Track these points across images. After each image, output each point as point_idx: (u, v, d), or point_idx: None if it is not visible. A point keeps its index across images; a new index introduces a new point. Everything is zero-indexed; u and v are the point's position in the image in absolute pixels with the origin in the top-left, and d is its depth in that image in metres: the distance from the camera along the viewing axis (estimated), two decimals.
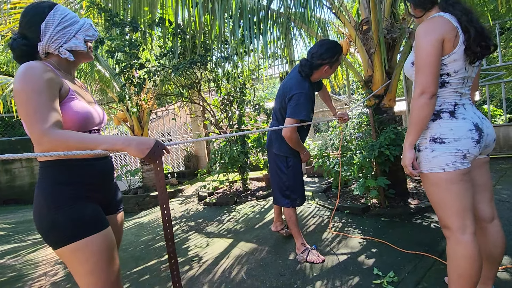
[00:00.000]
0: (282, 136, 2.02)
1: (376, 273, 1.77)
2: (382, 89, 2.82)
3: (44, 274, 2.65)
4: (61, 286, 2.32)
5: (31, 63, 0.97)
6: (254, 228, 2.93)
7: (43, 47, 1.04)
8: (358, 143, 3.11)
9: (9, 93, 4.81)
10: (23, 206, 7.34)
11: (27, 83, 0.94)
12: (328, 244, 2.29)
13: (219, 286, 1.93)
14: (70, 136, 0.94)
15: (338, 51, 1.96)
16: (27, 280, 2.55)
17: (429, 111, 1.11)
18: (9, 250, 3.59)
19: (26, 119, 0.93)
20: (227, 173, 4.58)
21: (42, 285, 2.40)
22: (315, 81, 2.09)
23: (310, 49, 2.01)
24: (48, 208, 0.99)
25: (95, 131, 1.14)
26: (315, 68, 1.97)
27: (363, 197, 3.12)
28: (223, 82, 4.42)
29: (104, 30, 3.47)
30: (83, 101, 1.10)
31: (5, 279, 2.64)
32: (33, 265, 2.94)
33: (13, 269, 2.90)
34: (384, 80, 2.78)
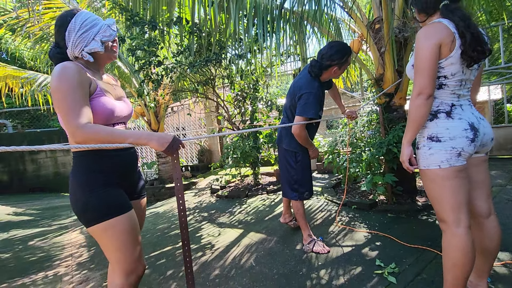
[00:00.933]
0: (291, 133, 2.13)
1: (378, 264, 1.86)
2: (393, 88, 2.85)
3: (70, 255, 2.88)
4: (85, 266, 2.54)
5: (65, 63, 1.10)
6: (263, 220, 3.06)
7: (70, 52, 1.17)
8: (367, 140, 3.17)
9: (37, 88, 5.12)
10: (48, 194, 7.80)
11: (62, 82, 1.06)
12: (334, 237, 2.39)
13: (230, 271, 2.08)
14: (100, 130, 1.07)
15: (347, 53, 2.03)
16: (55, 260, 2.79)
17: (425, 111, 1.19)
18: (38, 233, 3.89)
19: (62, 115, 1.06)
20: (239, 168, 4.73)
21: (68, 265, 2.63)
22: (324, 81, 2.17)
23: (320, 50, 2.09)
24: (82, 191, 1.15)
25: (119, 124, 1.26)
26: (325, 69, 2.05)
27: (371, 193, 3.18)
28: (237, 79, 4.55)
29: (125, 29, 3.66)
30: (110, 97, 1.22)
31: (36, 258, 2.89)
32: (60, 247, 3.20)
33: (42, 250, 3.16)
34: (394, 79, 2.82)
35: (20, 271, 2.56)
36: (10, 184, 8.02)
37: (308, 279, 1.82)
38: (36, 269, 2.59)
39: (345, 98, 12.33)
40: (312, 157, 2.27)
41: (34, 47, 4.83)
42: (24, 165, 8.14)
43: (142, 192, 1.41)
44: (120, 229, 1.15)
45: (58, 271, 2.52)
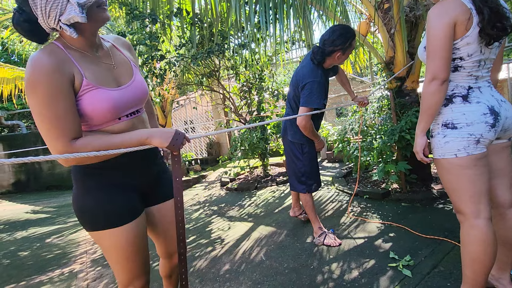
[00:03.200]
0: (296, 124, 2.05)
1: (392, 257, 1.80)
2: (404, 71, 2.71)
3: (85, 252, 2.94)
4: (99, 263, 2.58)
5: (36, 55, 0.83)
6: (273, 213, 3.02)
7: (42, 23, 0.86)
8: (378, 127, 3.05)
9: None
10: (63, 191, 8.01)
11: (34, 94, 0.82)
12: (345, 228, 2.33)
13: (240, 265, 2.06)
14: (92, 143, 0.88)
15: (351, 37, 1.91)
16: (71, 257, 2.85)
17: (440, 97, 1.09)
18: (54, 231, 3.99)
19: (42, 133, 0.85)
20: (247, 159, 4.69)
21: (83, 261, 2.68)
22: (329, 67, 2.07)
23: (322, 36, 1.98)
24: (78, 191, 0.98)
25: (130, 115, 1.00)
26: (328, 55, 1.94)
27: (384, 182, 3.08)
28: (242, 69, 4.45)
29: (125, 24, 3.60)
30: (104, 87, 0.93)
31: (52, 256, 2.96)
32: (75, 244, 3.27)
33: (58, 247, 3.24)
34: (406, 62, 2.67)
35: (37, 269, 2.62)
36: (28, 183, 8.28)
37: (320, 273, 1.78)
38: (52, 266, 2.65)
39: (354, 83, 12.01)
40: (317, 149, 2.19)
41: (38, 47, 4.84)
42: (40, 164, 8.37)
43: (167, 193, 1.14)
44: (116, 243, 0.97)
45: (73, 268, 2.57)
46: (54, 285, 2.26)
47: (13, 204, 6.66)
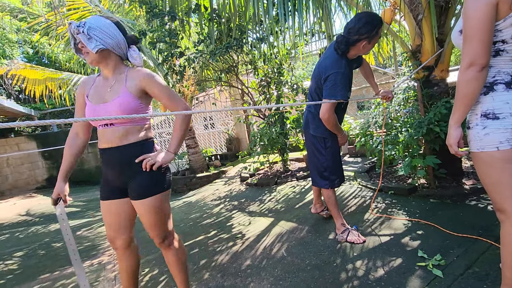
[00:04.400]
0: (318, 117, 1.98)
1: (421, 256, 1.71)
2: (433, 60, 2.55)
3: None
4: None
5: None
6: (294, 208, 2.99)
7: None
8: (404, 120, 2.91)
9: (72, 87, 5.41)
10: (91, 187, 8.41)
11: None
12: (369, 225, 2.25)
13: (261, 261, 2.05)
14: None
15: (378, 24, 1.80)
16: (99, 249, 2.99)
17: (478, 85, 1.00)
18: (84, 224, 4.20)
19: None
20: (267, 155, 4.67)
21: (111, 254, 2.79)
22: (353, 58, 1.98)
23: (346, 24, 1.89)
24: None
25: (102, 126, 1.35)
26: (352, 44, 1.84)
27: (410, 177, 2.95)
28: (260, 64, 4.41)
29: (146, 22, 3.67)
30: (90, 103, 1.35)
31: (83, 248, 3.12)
32: (103, 237, 3.42)
33: (88, 239, 3.40)
34: (435, 49, 2.51)
35: (69, 260, 2.77)
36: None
37: (343, 271, 1.73)
38: (83, 258, 2.78)
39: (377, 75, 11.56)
40: (341, 143, 2.12)
41: (66, 49, 5.06)
42: None
43: (135, 194, 1.37)
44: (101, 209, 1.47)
45: (102, 259, 2.68)
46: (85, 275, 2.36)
47: (47, 198, 7.08)
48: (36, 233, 4.07)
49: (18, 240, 3.72)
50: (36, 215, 5.31)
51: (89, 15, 4.20)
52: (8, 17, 4.96)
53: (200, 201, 4.27)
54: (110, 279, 2.23)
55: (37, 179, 8.66)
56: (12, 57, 8.56)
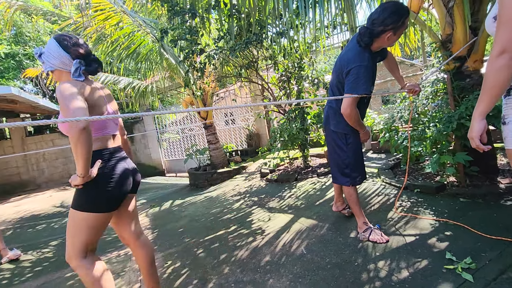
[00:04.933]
0: (339, 113, 1.92)
1: (449, 258, 1.62)
2: (465, 50, 2.39)
3: None
4: None
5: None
6: (314, 205, 2.95)
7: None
8: (432, 114, 2.75)
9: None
10: None
11: None
12: (393, 224, 2.17)
13: (280, 258, 2.05)
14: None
15: (404, 14, 1.70)
16: None
17: (509, 75, 0.91)
18: None
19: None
20: (287, 151, 4.64)
21: None
22: (376, 51, 1.90)
23: (370, 15, 1.80)
24: None
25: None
26: (376, 36, 1.76)
27: (438, 175, 2.80)
28: (280, 59, 4.36)
29: (167, 21, 3.74)
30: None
31: (111, 238, 3.28)
32: None
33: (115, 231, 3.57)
34: (467, 38, 2.35)
35: (99, 250, 2.88)
36: None
37: (365, 271, 1.69)
38: (111, 248, 2.93)
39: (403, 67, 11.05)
40: (362, 140, 2.04)
41: (93, 49, 5.29)
42: None
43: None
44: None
45: (128, 251, 2.81)
46: (112, 265, 2.49)
47: None
48: None
49: (53, 230, 3.99)
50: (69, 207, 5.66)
51: (114, 15, 4.36)
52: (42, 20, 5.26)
53: (221, 196, 4.33)
54: (135, 269, 2.33)
55: (70, 172, 9.20)
56: None
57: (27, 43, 8.90)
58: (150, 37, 4.87)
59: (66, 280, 2.32)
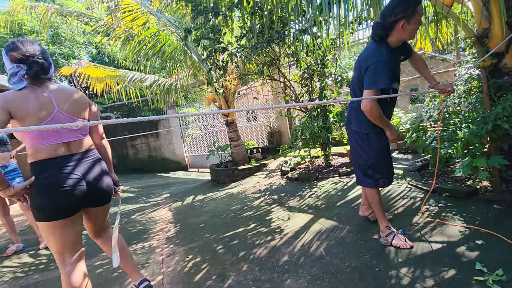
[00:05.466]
0: (360, 111, 1.86)
1: (479, 269, 1.53)
2: (503, 45, 2.21)
3: (160, 230, 3.33)
4: (172, 241, 2.88)
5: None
6: (335, 206, 2.90)
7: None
8: (465, 114, 2.59)
9: (128, 84, 5.90)
10: (144, 174, 9.19)
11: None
12: (418, 230, 2.08)
13: (299, 258, 2.04)
14: None
15: (413, 1, 1.62)
16: (150, 233, 3.27)
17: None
18: (138, 209, 4.62)
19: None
20: (308, 149, 4.58)
21: (159, 238, 3.03)
22: (397, 46, 1.81)
23: (382, 10, 1.74)
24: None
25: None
26: (389, 28, 1.70)
27: (470, 179, 2.64)
28: (303, 56, 4.29)
29: (191, 20, 3.81)
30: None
31: (136, 231, 3.44)
32: (153, 222, 3.73)
33: (140, 223, 3.74)
34: (505, 34, 2.17)
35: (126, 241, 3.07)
36: (118, 166, 9.74)
37: (386, 277, 1.64)
38: (136, 240, 3.07)
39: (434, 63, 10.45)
40: (390, 139, 1.96)
41: (123, 48, 5.52)
42: (127, 150, 9.73)
43: None
44: None
45: (152, 243, 2.93)
46: (137, 256, 2.62)
47: None
48: None
49: None
50: None
51: (141, 16, 4.51)
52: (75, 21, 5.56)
53: (241, 193, 4.38)
54: (159, 262, 2.43)
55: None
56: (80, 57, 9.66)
57: (63, 43, 9.47)
58: (175, 36, 4.99)
59: (95, 268, 2.46)
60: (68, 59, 9.22)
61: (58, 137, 1.44)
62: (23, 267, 2.71)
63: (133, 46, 5.19)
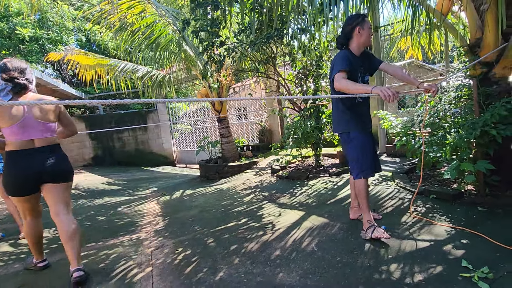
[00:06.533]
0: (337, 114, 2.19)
1: (465, 266, 1.59)
2: (494, 55, 2.31)
3: (149, 223, 3.27)
4: (161, 234, 2.84)
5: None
6: (326, 204, 2.94)
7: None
8: (454, 120, 2.69)
9: (119, 74, 5.76)
10: (130, 167, 8.99)
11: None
12: (407, 228, 2.14)
13: (290, 253, 2.06)
14: None
15: (360, 15, 2.08)
16: (137, 226, 3.20)
17: None
18: (124, 201, 4.52)
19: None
20: (300, 148, 4.62)
21: (148, 231, 2.98)
22: (360, 53, 2.11)
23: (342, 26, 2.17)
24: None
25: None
26: (349, 36, 2.07)
27: (456, 182, 2.74)
28: (299, 56, 4.32)
29: (189, 12, 3.76)
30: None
31: (123, 223, 3.36)
32: (141, 215, 3.66)
33: (127, 216, 3.66)
34: (498, 43, 2.27)
35: (112, 233, 3.00)
36: (103, 158, 9.49)
37: (376, 272, 1.68)
38: (123, 232, 3.00)
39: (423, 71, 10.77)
40: (388, 98, 1.79)
41: (115, 37, 5.38)
42: (113, 143, 9.48)
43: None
44: None
45: (139, 235, 2.88)
46: (124, 248, 2.56)
47: (92, 175, 7.71)
48: (82, 206, 4.47)
49: None
50: (82, 189, 5.83)
51: (138, 4, 4.41)
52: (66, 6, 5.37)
53: (231, 189, 4.37)
54: (147, 254, 2.38)
55: (84, 157, 9.45)
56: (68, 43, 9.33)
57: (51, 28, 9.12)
58: (171, 27, 4.91)
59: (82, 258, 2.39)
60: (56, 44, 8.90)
61: (21, 136, 1.90)
62: (2, 256, 2.59)
63: (126, 35, 5.07)
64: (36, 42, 8.82)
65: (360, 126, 2.13)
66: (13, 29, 8.46)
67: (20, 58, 7.73)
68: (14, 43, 8.66)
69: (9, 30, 8.53)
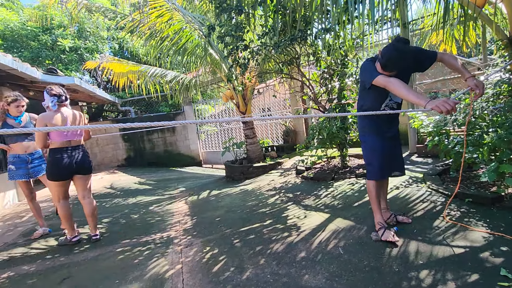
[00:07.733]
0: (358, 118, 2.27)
1: (504, 275, 1.51)
2: None
3: (178, 222, 3.42)
4: (190, 232, 2.96)
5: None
6: (352, 206, 2.89)
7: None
8: (493, 119, 2.52)
9: (149, 79, 6.04)
10: (160, 168, 9.38)
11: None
12: (440, 233, 2.05)
13: (316, 255, 2.06)
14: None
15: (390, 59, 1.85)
16: (167, 224, 3.36)
17: None
18: (155, 201, 4.75)
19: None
20: (325, 149, 4.56)
21: (177, 230, 3.12)
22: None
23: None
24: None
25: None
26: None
27: (495, 185, 2.57)
28: (323, 55, 4.27)
29: (214, 17, 3.86)
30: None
31: (154, 221, 3.54)
32: (170, 214, 3.83)
33: (158, 215, 3.85)
34: None
35: (144, 230, 3.18)
36: (135, 159, 9.99)
37: (405, 279, 1.63)
38: (155, 230, 3.17)
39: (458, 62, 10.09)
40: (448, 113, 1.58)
41: (145, 44, 5.66)
42: (144, 144, 9.95)
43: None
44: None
45: (170, 234, 3.02)
46: (156, 245, 2.70)
47: (125, 175, 8.16)
48: (118, 204, 4.75)
49: (104, 209, 4.40)
50: (117, 189, 6.19)
51: (167, 12, 4.61)
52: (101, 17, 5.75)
53: (256, 190, 4.42)
54: (177, 251, 2.50)
55: (118, 158, 10.01)
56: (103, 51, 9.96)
57: (87, 38, 9.79)
58: (197, 33, 5.07)
59: (117, 254, 2.57)
60: (92, 53, 9.54)
61: (63, 138, 2.74)
62: (49, 249, 2.85)
63: (155, 42, 5.31)
64: (75, 51, 9.50)
65: (375, 131, 2.17)
66: (55, 41, 9.19)
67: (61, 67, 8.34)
68: (56, 54, 9.40)
69: (52, 42, 9.28)
